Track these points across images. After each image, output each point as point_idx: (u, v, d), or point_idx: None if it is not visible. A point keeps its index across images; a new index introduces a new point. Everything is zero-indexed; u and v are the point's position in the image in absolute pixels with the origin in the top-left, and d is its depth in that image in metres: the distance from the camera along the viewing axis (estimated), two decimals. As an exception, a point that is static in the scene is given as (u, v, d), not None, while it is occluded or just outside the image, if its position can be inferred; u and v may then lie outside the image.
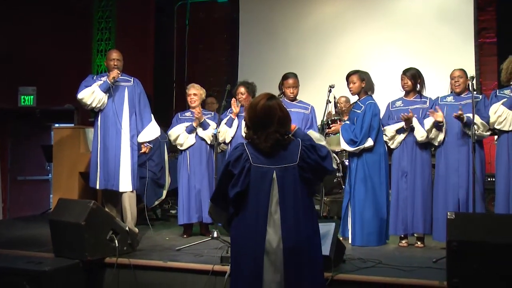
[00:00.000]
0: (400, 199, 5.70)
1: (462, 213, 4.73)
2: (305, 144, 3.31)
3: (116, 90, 5.84)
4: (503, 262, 3.63)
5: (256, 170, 3.26)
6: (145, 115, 5.92)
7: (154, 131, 5.92)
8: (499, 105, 5.16)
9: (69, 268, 4.55)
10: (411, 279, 4.09)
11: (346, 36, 9.54)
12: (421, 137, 5.58)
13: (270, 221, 3.20)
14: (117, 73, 5.79)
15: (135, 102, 5.88)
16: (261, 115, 3.27)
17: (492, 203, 5.81)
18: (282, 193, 3.22)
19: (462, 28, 8.88)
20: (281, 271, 3.16)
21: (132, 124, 5.81)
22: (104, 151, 5.75)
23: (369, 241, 5.64)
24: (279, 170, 3.24)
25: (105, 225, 4.83)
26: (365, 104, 5.83)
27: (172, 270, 4.63)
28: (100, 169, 5.74)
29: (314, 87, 8.70)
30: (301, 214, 3.22)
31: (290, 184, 3.23)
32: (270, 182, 3.23)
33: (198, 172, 6.19)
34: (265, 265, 3.17)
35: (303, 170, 3.24)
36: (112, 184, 5.73)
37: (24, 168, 10.28)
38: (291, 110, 5.94)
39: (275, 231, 3.18)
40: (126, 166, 5.73)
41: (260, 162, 3.27)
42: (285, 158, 3.27)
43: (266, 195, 3.22)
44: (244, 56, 10.22)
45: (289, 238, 3.17)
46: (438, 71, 7.45)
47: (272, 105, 3.31)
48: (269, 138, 3.24)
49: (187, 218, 6.18)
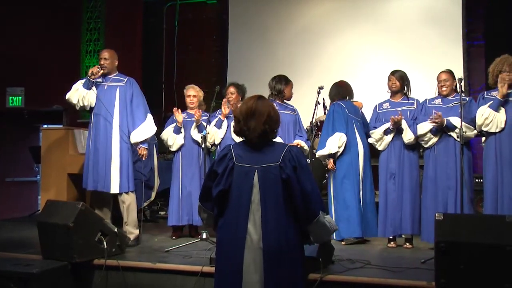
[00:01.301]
0: (388, 201, 5.73)
1: (450, 214, 4.75)
2: (292, 150, 3.34)
3: (108, 90, 5.77)
4: (490, 263, 3.65)
5: (239, 170, 3.30)
6: (138, 115, 5.75)
7: (146, 131, 5.74)
8: (486, 107, 5.19)
9: (57, 270, 4.54)
10: (400, 279, 4.11)
11: (334, 38, 9.56)
12: (409, 139, 5.62)
13: (251, 220, 3.23)
14: (97, 69, 5.71)
15: (126, 103, 5.76)
16: (253, 107, 3.34)
17: (481, 204, 5.84)
18: (263, 193, 3.24)
19: (450, 30, 8.92)
20: (260, 271, 3.17)
21: (124, 125, 5.70)
22: (94, 152, 5.68)
23: None
24: (261, 170, 3.27)
25: (93, 226, 4.81)
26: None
27: (161, 271, 4.62)
28: (90, 170, 5.68)
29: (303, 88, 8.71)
30: (282, 215, 3.23)
31: (272, 184, 3.25)
32: (252, 181, 3.26)
33: (189, 173, 6.20)
34: (245, 263, 3.19)
35: (283, 171, 3.25)
36: (103, 186, 5.64)
37: (12, 169, 10.22)
38: (283, 112, 6.06)
39: (255, 231, 3.21)
40: (117, 168, 5.63)
41: (243, 161, 3.31)
42: (268, 158, 3.30)
43: (248, 194, 3.25)
44: (233, 57, 10.22)
45: (269, 238, 3.19)
46: (427, 73, 7.48)
47: (265, 102, 3.43)
48: (258, 127, 3.29)
49: (176, 220, 6.17)
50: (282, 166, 3.26)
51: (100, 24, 10.15)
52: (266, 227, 3.20)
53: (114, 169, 5.63)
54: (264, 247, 3.18)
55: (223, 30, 10.41)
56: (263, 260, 3.18)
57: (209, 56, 10.60)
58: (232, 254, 3.23)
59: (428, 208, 5.48)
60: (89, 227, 4.76)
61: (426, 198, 5.56)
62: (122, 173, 5.66)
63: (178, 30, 10.66)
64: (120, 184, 5.65)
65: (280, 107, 6.06)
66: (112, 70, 5.89)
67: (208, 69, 10.50)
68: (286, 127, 6.10)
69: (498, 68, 5.24)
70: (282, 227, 3.22)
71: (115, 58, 5.91)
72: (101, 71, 5.75)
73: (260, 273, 3.18)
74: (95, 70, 5.70)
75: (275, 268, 3.19)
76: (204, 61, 10.57)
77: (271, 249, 3.18)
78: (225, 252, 3.29)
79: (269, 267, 3.18)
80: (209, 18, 10.67)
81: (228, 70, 10.18)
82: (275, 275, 3.18)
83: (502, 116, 5.15)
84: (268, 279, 3.17)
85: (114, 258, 4.79)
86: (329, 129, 5.93)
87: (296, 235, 3.30)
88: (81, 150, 6.71)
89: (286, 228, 3.23)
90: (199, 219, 6.08)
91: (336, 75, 6.21)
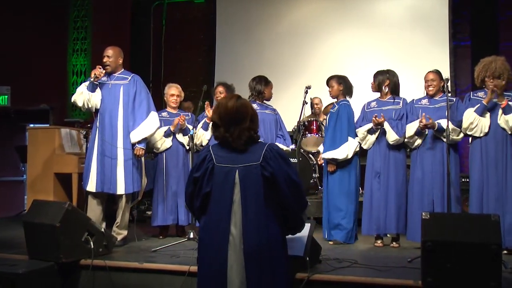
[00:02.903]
0: (373, 200, 5.75)
1: (436, 213, 4.79)
2: (272, 147, 3.33)
3: (112, 89, 5.66)
4: (476, 261, 3.69)
5: (219, 170, 3.28)
6: (138, 114, 5.63)
7: (145, 130, 5.62)
8: (472, 111, 5.23)
9: (43, 270, 4.51)
10: (387, 278, 4.12)
11: (322, 38, 9.60)
12: (393, 140, 5.64)
13: (233, 220, 3.20)
14: (100, 70, 5.56)
15: (129, 101, 5.64)
16: (233, 111, 3.28)
17: (466, 203, 5.88)
18: (244, 192, 3.22)
19: (437, 31, 9.00)
20: (242, 272, 3.16)
21: (126, 124, 5.61)
22: (101, 153, 5.56)
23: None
24: (241, 169, 3.25)
25: (80, 226, 4.78)
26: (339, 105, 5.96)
27: (148, 271, 4.60)
28: (97, 172, 5.55)
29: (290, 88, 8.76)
30: (263, 214, 3.20)
31: (252, 183, 3.23)
32: (233, 181, 3.24)
33: (174, 174, 6.19)
34: (229, 265, 3.18)
35: (264, 170, 3.24)
36: (109, 188, 5.54)
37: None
38: (264, 112, 6.08)
39: (237, 231, 3.19)
40: (122, 169, 5.54)
41: (223, 161, 3.28)
42: (249, 157, 3.27)
43: (229, 194, 3.23)
44: (220, 57, 10.23)
45: (249, 238, 3.16)
46: (414, 74, 7.54)
47: (244, 102, 3.35)
48: (242, 134, 3.25)
49: (161, 220, 6.16)
50: (263, 165, 3.23)
51: (87, 23, 10.12)
52: (247, 227, 3.18)
53: (120, 170, 5.55)
54: (245, 248, 3.16)
55: (211, 29, 10.42)
56: (244, 261, 3.15)
57: (196, 56, 10.61)
58: (215, 255, 3.20)
59: (414, 208, 5.50)
60: (75, 227, 4.73)
61: (413, 198, 5.58)
62: (127, 174, 5.58)
63: (165, 29, 10.65)
64: (126, 185, 5.57)
65: (260, 107, 6.11)
66: (117, 68, 5.76)
67: (195, 68, 10.50)
68: (268, 126, 6.11)
69: (482, 74, 5.30)
70: (263, 227, 3.18)
71: (119, 56, 5.77)
72: (103, 71, 5.61)
73: (242, 274, 3.16)
74: (97, 72, 5.55)
75: (257, 269, 3.16)
76: (191, 60, 10.57)
77: (251, 249, 3.15)
78: (208, 253, 3.26)
79: (251, 268, 3.15)
80: (197, 18, 10.68)
81: (215, 69, 10.20)
82: (257, 276, 3.16)
83: (486, 121, 5.21)
84: (251, 280, 3.15)
85: (101, 258, 4.76)
86: (344, 131, 5.84)
87: (278, 234, 3.27)
88: (68, 149, 6.68)
89: (267, 228, 3.20)
90: (185, 219, 6.15)
91: (324, 74, 6.18)
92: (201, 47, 10.65)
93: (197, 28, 10.66)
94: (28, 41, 9.55)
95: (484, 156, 5.22)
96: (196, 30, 10.66)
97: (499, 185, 5.12)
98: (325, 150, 5.94)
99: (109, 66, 5.69)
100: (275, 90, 6.46)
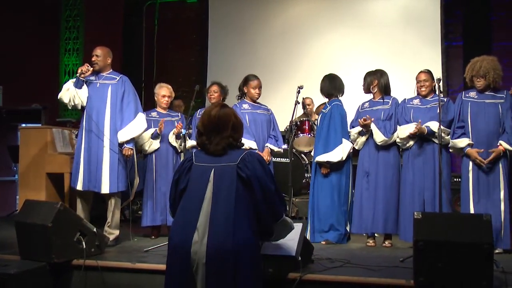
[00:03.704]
0: (362, 199, 5.77)
1: (428, 213, 4.80)
2: (252, 153, 3.35)
3: (100, 88, 5.67)
4: (468, 261, 3.71)
5: (196, 169, 3.31)
6: (126, 114, 5.65)
7: (132, 130, 5.64)
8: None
9: (35, 271, 4.49)
10: (379, 278, 4.12)
11: (314, 38, 9.61)
12: (380, 141, 5.66)
13: (201, 216, 3.17)
14: (87, 67, 5.60)
15: (117, 101, 5.66)
16: (215, 120, 3.32)
17: (458, 203, 5.91)
18: (216, 190, 3.21)
19: (429, 31, 9.04)
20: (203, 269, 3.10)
21: (115, 124, 5.62)
22: (87, 151, 5.59)
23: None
24: (218, 168, 3.26)
25: (72, 226, 4.77)
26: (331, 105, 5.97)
27: (141, 271, 4.59)
28: (83, 170, 5.58)
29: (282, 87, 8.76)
30: (232, 215, 3.15)
31: (226, 183, 3.22)
32: (207, 179, 3.24)
33: (164, 174, 6.18)
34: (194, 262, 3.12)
35: (241, 170, 3.24)
36: (94, 186, 5.57)
37: (-10, 169, 10.10)
38: (256, 112, 6.07)
39: (202, 228, 3.13)
40: (107, 167, 5.56)
41: (201, 161, 3.32)
42: (227, 158, 3.29)
43: (202, 191, 3.23)
44: (213, 57, 10.23)
45: (214, 237, 3.10)
46: (406, 74, 7.54)
47: (227, 111, 3.39)
48: (222, 141, 3.29)
49: (151, 220, 6.16)
50: (240, 166, 3.23)
51: (80, 22, 10.09)
52: (213, 226, 3.13)
53: (105, 169, 5.56)
54: (208, 246, 3.10)
55: (203, 29, 10.42)
56: (206, 257, 3.08)
57: (189, 55, 10.60)
58: (180, 250, 3.16)
59: (407, 208, 5.52)
60: (67, 227, 4.72)
61: (405, 198, 5.60)
62: (112, 173, 5.59)
63: (158, 29, 10.64)
64: (110, 184, 5.57)
65: (252, 107, 6.11)
66: (105, 68, 5.78)
67: (188, 68, 10.50)
68: (259, 126, 6.10)
69: (469, 73, 5.37)
70: (230, 227, 3.12)
71: (108, 56, 5.79)
72: (90, 69, 5.64)
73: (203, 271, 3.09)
74: (84, 69, 5.59)
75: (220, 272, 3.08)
76: (184, 60, 10.56)
77: (215, 246, 3.09)
78: (175, 249, 3.21)
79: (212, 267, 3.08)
80: (189, 17, 10.67)
81: (208, 69, 10.21)
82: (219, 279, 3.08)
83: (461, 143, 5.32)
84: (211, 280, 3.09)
85: (93, 258, 4.75)
86: (338, 133, 5.85)
87: (249, 239, 3.18)
88: (60, 149, 6.65)
89: (235, 229, 3.12)
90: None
91: (317, 75, 6.20)
92: (193, 47, 10.64)
93: (190, 28, 10.66)
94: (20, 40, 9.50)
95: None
96: (188, 30, 10.66)
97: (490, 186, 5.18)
98: (319, 153, 5.92)
99: (96, 64, 5.71)
100: (267, 90, 6.47)
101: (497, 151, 5.16)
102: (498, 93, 5.30)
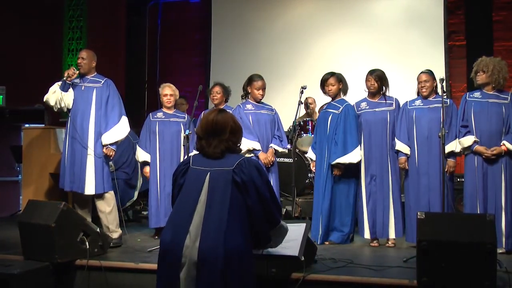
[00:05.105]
0: (370, 203, 5.76)
1: (432, 213, 4.79)
2: (249, 159, 3.34)
3: (85, 91, 5.71)
4: (471, 261, 3.70)
5: (192, 172, 3.31)
6: (111, 117, 5.70)
7: (117, 133, 5.68)
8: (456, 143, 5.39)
9: (38, 271, 4.50)
10: (382, 278, 4.12)
11: (317, 38, 9.61)
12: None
13: (194, 219, 3.14)
14: (73, 71, 5.66)
15: (102, 104, 5.70)
16: (213, 124, 3.32)
17: (461, 203, 5.90)
18: (211, 194, 3.19)
19: (432, 31, 9.03)
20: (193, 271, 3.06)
21: (99, 127, 5.65)
22: (71, 152, 5.63)
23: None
24: (213, 172, 3.24)
25: (75, 227, 4.77)
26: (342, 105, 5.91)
27: (144, 271, 4.59)
28: (67, 171, 5.63)
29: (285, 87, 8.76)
30: (226, 221, 3.11)
31: (221, 187, 3.19)
32: (202, 182, 3.23)
33: (168, 175, 6.16)
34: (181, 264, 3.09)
35: (236, 175, 3.21)
36: (78, 187, 5.59)
37: (-7, 169, 10.11)
38: (260, 112, 6.04)
39: (195, 231, 3.11)
40: (91, 169, 5.57)
41: (198, 164, 3.31)
42: (223, 163, 3.27)
43: (196, 194, 3.21)
44: (216, 57, 10.23)
45: (206, 241, 3.07)
46: (409, 74, 7.50)
47: (225, 116, 3.38)
48: (220, 144, 3.28)
49: (156, 222, 6.17)
50: (236, 171, 3.21)
51: (82, 23, 10.09)
52: (205, 230, 3.10)
53: (89, 170, 5.58)
54: (199, 248, 3.06)
55: (206, 29, 10.42)
56: (197, 262, 3.05)
57: (192, 56, 10.60)
58: (170, 252, 3.13)
59: (411, 209, 5.51)
60: (71, 227, 4.72)
61: (409, 200, 5.60)
62: (97, 174, 5.60)
63: (161, 29, 10.65)
64: (95, 185, 5.59)
65: (256, 108, 6.08)
66: (90, 71, 5.81)
67: (191, 68, 10.49)
68: (263, 127, 6.07)
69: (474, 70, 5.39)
70: (223, 233, 3.07)
71: (93, 59, 5.82)
72: (76, 72, 5.70)
73: (193, 275, 3.06)
74: (70, 72, 5.65)
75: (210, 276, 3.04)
76: (187, 60, 10.56)
77: (206, 251, 3.05)
78: (166, 251, 3.19)
79: (202, 272, 3.05)
80: (192, 18, 10.67)
81: (211, 69, 10.21)
82: (207, 281, 3.05)
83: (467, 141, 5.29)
84: (201, 284, 3.05)
85: (96, 259, 4.76)
86: (354, 135, 5.77)
87: (241, 246, 3.13)
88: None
89: (228, 235, 3.07)
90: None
91: (320, 74, 6.17)
92: (196, 47, 10.64)
93: (193, 28, 10.65)
94: (23, 41, 9.53)
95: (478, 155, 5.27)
96: (191, 30, 10.66)
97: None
98: (338, 154, 5.75)
99: (82, 67, 5.75)
100: (271, 90, 6.45)
101: (499, 150, 5.16)
102: (502, 93, 5.30)
